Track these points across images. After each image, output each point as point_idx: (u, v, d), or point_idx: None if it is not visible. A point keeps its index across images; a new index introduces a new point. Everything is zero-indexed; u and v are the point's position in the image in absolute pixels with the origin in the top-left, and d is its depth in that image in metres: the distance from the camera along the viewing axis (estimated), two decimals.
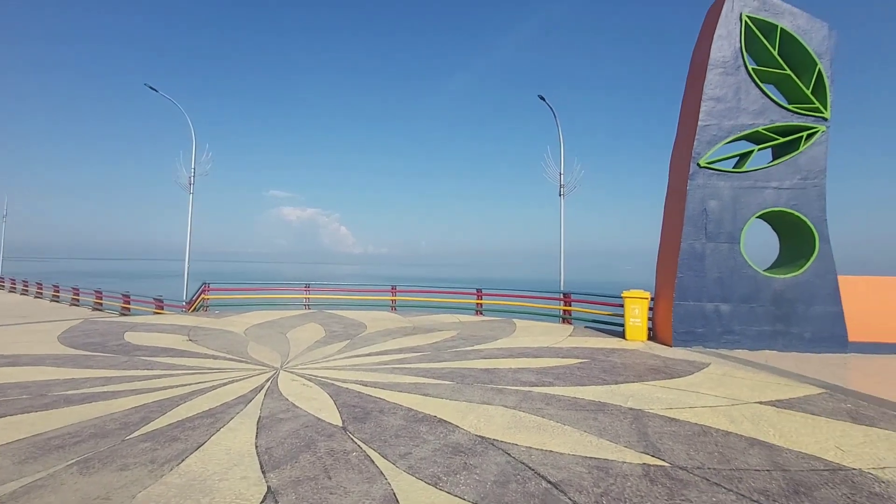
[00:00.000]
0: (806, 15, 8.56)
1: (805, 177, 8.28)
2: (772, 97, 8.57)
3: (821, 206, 8.17)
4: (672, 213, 9.25)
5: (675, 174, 9.39)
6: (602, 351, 7.98)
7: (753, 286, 8.24)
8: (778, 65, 8.58)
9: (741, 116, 8.58)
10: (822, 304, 7.99)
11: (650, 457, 3.60)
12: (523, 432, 4.10)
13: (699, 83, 8.81)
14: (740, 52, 8.62)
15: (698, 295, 8.36)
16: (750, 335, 8.14)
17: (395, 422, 4.34)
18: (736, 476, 3.29)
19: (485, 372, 6.39)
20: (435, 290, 16.04)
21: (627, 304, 9.23)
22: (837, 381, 5.93)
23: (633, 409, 4.76)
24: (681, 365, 6.88)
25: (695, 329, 8.33)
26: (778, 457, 3.62)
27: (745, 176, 8.53)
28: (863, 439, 3.97)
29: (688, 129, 9.01)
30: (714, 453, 3.68)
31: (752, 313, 8.19)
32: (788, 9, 8.56)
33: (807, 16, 8.56)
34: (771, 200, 8.36)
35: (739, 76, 8.63)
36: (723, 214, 8.46)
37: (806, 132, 8.40)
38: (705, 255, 8.41)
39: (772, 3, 8.54)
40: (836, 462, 3.52)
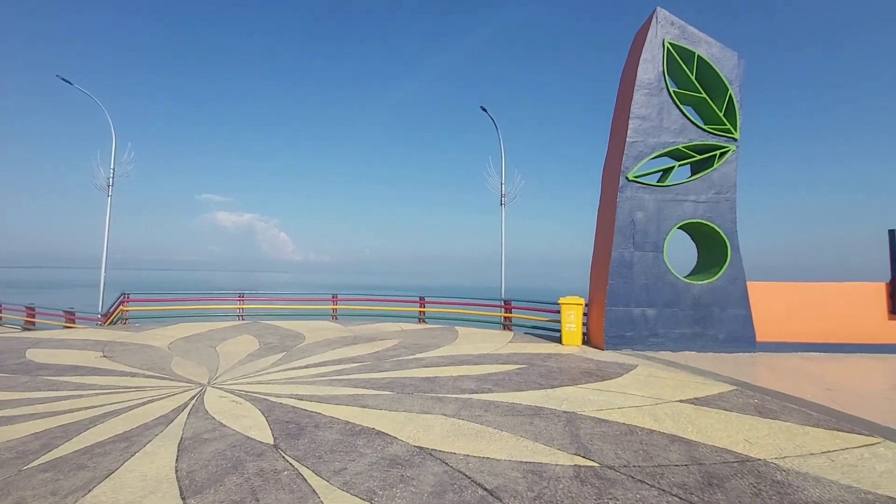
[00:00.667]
0: (719, 44, 9.41)
1: (718, 191, 9.07)
2: (690, 118, 9.32)
3: (732, 218, 8.98)
4: (604, 223, 9.77)
5: (607, 186, 9.95)
6: (540, 356, 8.23)
7: (675, 292, 8.88)
8: (695, 88, 9.36)
9: (664, 134, 9.25)
10: (733, 308, 8.76)
11: (581, 458, 3.74)
12: (462, 440, 4.11)
13: (627, 102, 9.41)
14: (663, 76, 9.31)
15: (627, 300, 8.87)
16: (672, 337, 8.75)
17: (330, 436, 4.20)
18: (658, 472, 3.49)
19: (425, 381, 6.36)
20: (378, 298, 15.81)
21: (564, 310, 9.60)
22: (746, 379, 6.50)
23: (567, 412, 4.93)
24: (611, 367, 7.24)
25: (624, 333, 8.82)
26: (695, 451, 3.89)
27: (668, 189, 9.19)
28: (767, 432, 4.36)
29: (617, 144, 9.58)
30: (639, 451, 3.89)
31: (674, 317, 8.81)
32: (704, 38, 9.37)
33: (720, 45, 9.41)
34: (690, 212, 9.07)
35: (662, 97, 9.31)
36: (648, 225, 9.05)
37: (719, 151, 9.20)
38: (633, 263, 8.95)
39: (690, 31, 9.32)
40: (744, 454, 3.84)
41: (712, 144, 9.21)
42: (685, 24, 9.30)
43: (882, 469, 3.56)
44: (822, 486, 3.26)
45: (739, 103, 9.25)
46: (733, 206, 9.02)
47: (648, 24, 9.30)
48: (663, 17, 9.23)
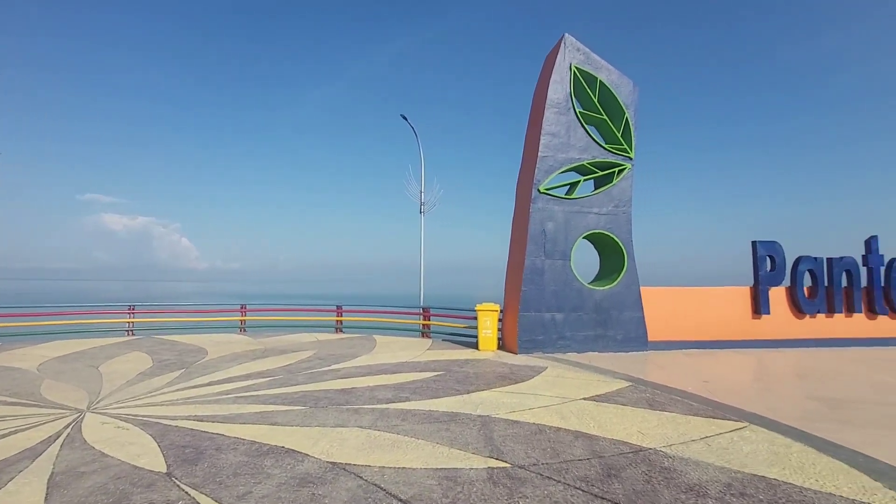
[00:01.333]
0: (618, 72, 10.37)
1: (617, 205, 9.96)
2: (593, 137, 10.14)
3: (628, 229, 9.90)
4: (518, 233, 10.25)
5: (521, 198, 10.47)
6: (457, 362, 8.37)
7: (581, 297, 9.56)
8: (597, 110, 10.22)
9: (571, 151, 9.96)
10: (629, 311, 9.64)
11: (494, 460, 3.86)
12: (377, 452, 4.04)
13: (539, 119, 10.01)
14: (570, 97, 10.04)
15: (538, 306, 9.37)
16: (578, 339, 9.40)
17: (234, 459, 3.89)
18: (564, 468, 3.71)
19: (341, 392, 6.17)
20: (292, 307, 15.06)
21: (480, 316, 9.88)
22: (640, 375, 7.17)
23: (482, 416, 5.06)
24: (524, 370, 7.58)
25: (536, 337, 9.29)
26: (596, 445, 4.19)
27: (574, 202, 9.90)
28: (657, 422, 4.84)
29: (530, 158, 10.13)
30: (547, 449, 4.10)
31: (579, 320, 9.47)
32: (605, 65, 10.27)
33: (618, 73, 10.37)
34: (593, 224, 9.84)
35: (570, 116, 10.03)
36: (557, 235, 9.66)
37: (618, 168, 10.12)
38: (544, 271, 9.49)
39: (594, 58, 10.17)
40: (638, 444, 4.22)
41: (612, 162, 10.09)
42: (589, 51, 10.14)
43: (748, 450, 4.10)
44: (701, 469, 3.68)
45: (634, 126, 10.24)
46: (629, 218, 9.95)
47: (558, 48, 10.00)
48: (571, 42, 9.98)
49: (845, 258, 10.63)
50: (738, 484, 3.41)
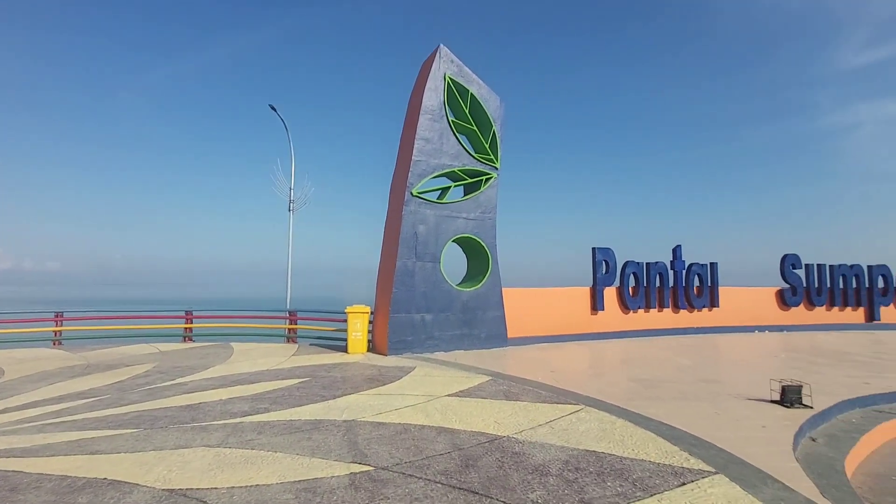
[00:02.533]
0: (487, 87, 11.08)
1: (484, 211, 10.64)
2: (464, 146, 10.69)
3: (493, 234, 10.65)
4: (390, 235, 10.30)
5: (394, 200, 10.54)
6: (324, 367, 8.07)
7: (449, 298, 9.98)
8: (468, 121, 10.80)
9: (443, 157, 10.35)
10: (492, 310, 10.37)
11: (357, 464, 3.79)
12: (227, 471, 3.67)
13: (414, 123, 10.20)
14: (444, 105, 10.43)
15: (409, 307, 9.53)
16: (446, 339, 9.80)
17: (35, 500, 3.18)
18: (426, 464, 3.81)
19: (186, 409, 5.48)
20: (127, 315, 12.92)
21: (350, 318, 9.68)
22: (499, 370, 7.75)
23: (348, 421, 4.95)
24: (393, 371, 7.63)
25: (406, 338, 9.43)
26: (457, 439, 4.40)
27: (445, 206, 10.30)
28: (511, 412, 5.27)
29: (404, 161, 10.27)
30: (411, 447, 4.18)
31: (447, 320, 9.89)
32: (476, 79, 10.90)
33: (488, 88, 11.09)
34: (462, 228, 10.36)
35: (443, 124, 10.42)
36: (428, 237, 9.95)
37: (485, 177, 10.82)
38: (415, 273, 9.69)
39: (466, 71, 10.72)
40: (494, 433, 4.54)
41: (480, 171, 10.75)
42: (462, 64, 10.67)
43: (583, 429, 4.70)
44: (545, 450, 4.11)
45: (500, 139, 11.07)
46: (494, 224, 10.71)
47: (433, 57, 10.31)
48: (445, 53, 10.38)
49: (658, 263, 12.92)
50: (574, 460, 3.88)
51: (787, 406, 5.51)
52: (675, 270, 13.09)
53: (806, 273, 14.28)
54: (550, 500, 3.18)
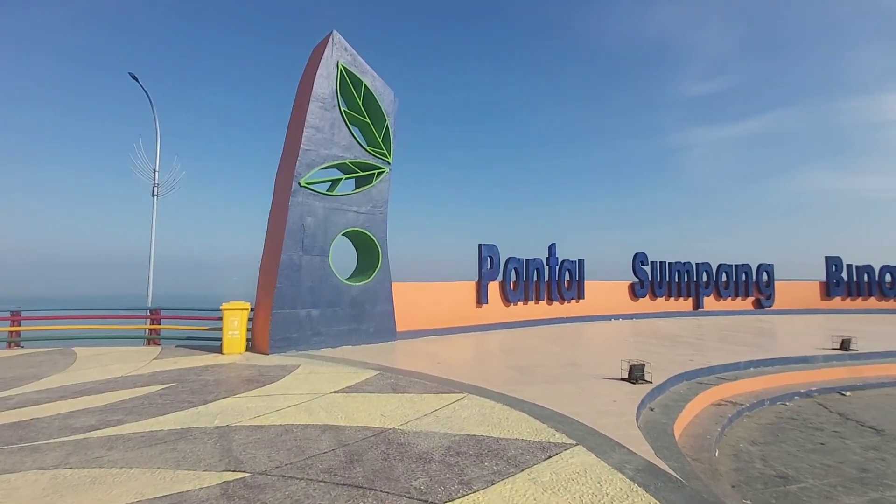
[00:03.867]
0: (381, 80, 10.96)
1: (375, 205, 10.55)
2: (356, 138, 10.46)
3: (384, 229, 10.62)
4: (275, 227, 9.69)
5: (280, 190, 9.93)
6: (193, 370, 7.33)
7: (337, 292, 9.74)
8: (361, 112, 10.59)
9: (334, 148, 10.02)
10: (382, 305, 10.36)
11: (231, 472, 3.54)
12: (68, 495, 3.16)
13: (303, 111, 9.70)
14: (336, 94, 10.08)
15: (294, 303, 9.09)
16: (333, 334, 9.55)
17: None
18: (308, 464, 3.70)
19: (11, 428, 4.57)
20: None
21: (227, 316, 8.91)
22: (388, 364, 7.80)
23: (221, 427, 4.58)
24: (274, 371, 7.22)
25: (290, 335, 8.98)
26: (342, 435, 4.34)
27: (335, 199, 10.00)
28: (398, 404, 5.35)
29: (292, 150, 9.72)
30: (293, 449, 4.02)
31: (335, 315, 9.64)
32: (370, 71, 10.72)
33: (382, 81, 10.97)
34: (352, 221, 10.16)
35: (335, 113, 10.07)
36: (317, 230, 9.58)
37: (377, 171, 10.73)
38: (301, 266, 9.26)
39: (360, 62, 10.48)
40: (380, 427, 4.57)
41: (372, 164, 10.63)
42: (357, 54, 10.41)
43: (465, 416, 4.96)
44: (429, 438, 4.26)
45: (393, 133, 11.06)
46: (385, 218, 10.69)
47: (326, 43, 9.90)
48: (339, 41, 10.02)
49: (536, 259, 14.11)
50: (455, 445, 4.09)
51: (633, 382, 6.44)
52: (550, 266, 14.41)
53: (651, 269, 16.77)
54: (433, 485, 3.32)
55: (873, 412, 6.62)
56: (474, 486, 3.31)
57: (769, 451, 5.22)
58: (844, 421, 6.24)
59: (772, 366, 8.29)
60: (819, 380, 7.97)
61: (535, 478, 3.46)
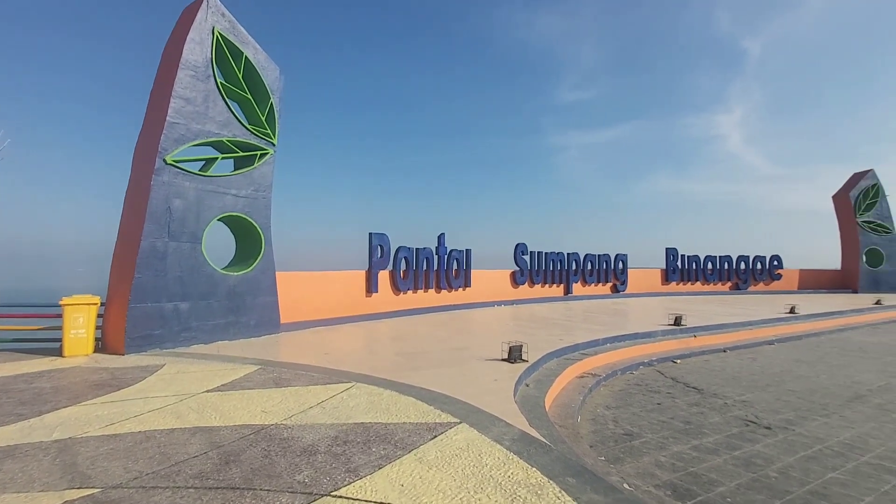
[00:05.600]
0: (265, 54, 10.13)
1: (257, 189, 9.80)
2: (235, 114, 9.56)
3: (267, 214, 9.92)
4: (134, 209, 8.48)
5: (139, 167, 8.69)
6: (23, 377, 6.13)
7: (212, 283, 8.88)
8: (242, 87, 9.69)
9: (209, 124, 9.04)
10: (264, 296, 9.71)
11: (75, 490, 3.07)
12: None
13: (170, 78, 8.57)
14: (211, 63, 9.07)
15: (158, 296, 8.07)
16: (206, 329, 8.70)
17: None
18: (175, 471, 3.37)
19: None
20: None
21: (68, 313, 7.57)
22: (270, 357, 7.37)
23: (62, 440, 3.92)
24: (132, 373, 6.37)
25: (152, 331, 7.97)
26: (216, 437, 4.02)
27: (210, 180, 9.06)
28: (280, 399, 5.10)
29: (156, 122, 8.55)
30: (156, 456, 3.62)
31: (209, 308, 8.79)
32: (252, 42, 9.84)
33: (266, 55, 10.14)
34: (230, 205, 9.31)
35: (209, 85, 9.06)
36: (187, 214, 8.59)
37: (260, 152, 9.95)
38: (167, 254, 8.25)
39: (240, 31, 9.54)
40: (260, 424, 4.32)
41: (254, 144, 9.83)
42: (236, 21, 9.46)
43: (353, 404, 4.93)
44: (315, 431, 4.15)
45: (279, 113, 10.34)
46: (269, 203, 9.99)
47: (199, 5, 8.82)
48: (214, 4, 9.00)
49: (426, 248, 14.42)
50: (343, 435, 4.05)
51: (512, 362, 6.99)
52: (439, 255, 14.83)
53: (530, 258, 18.22)
54: (318, 477, 3.26)
55: (696, 375, 8.07)
56: (361, 472, 3.33)
57: (619, 413, 6.07)
58: (675, 384, 7.51)
59: (623, 341, 9.62)
60: (658, 351, 9.46)
61: (421, 457, 3.59)
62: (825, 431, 5.40)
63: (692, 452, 4.80)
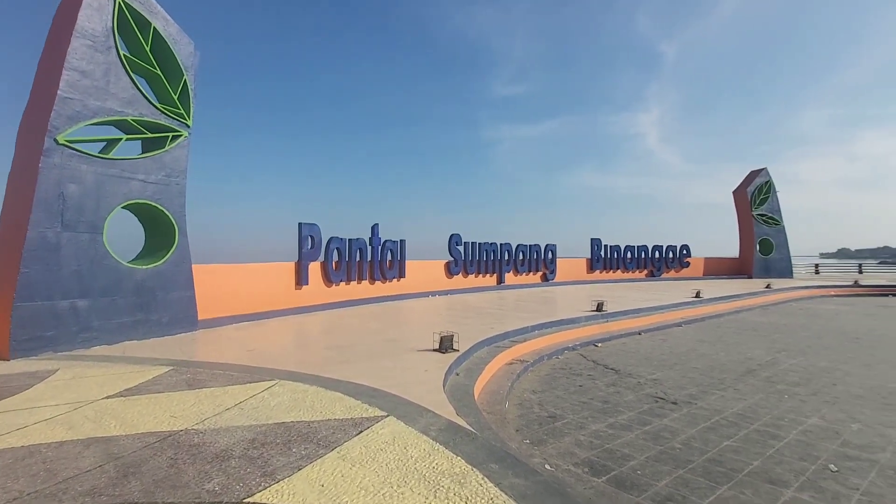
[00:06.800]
0: (177, 26, 9.24)
1: (169, 174, 8.99)
2: (143, 91, 8.67)
3: (181, 202, 9.15)
4: (18, 195, 7.46)
5: (25, 147, 7.66)
6: None
7: (116, 278, 8.05)
8: (150, 62, 8.80)
9: (110, 100, 8.13)
10: (179, 290, 8.98)
11: None
12: None
13: (63, 49, 7.58)
14: (112, 33, 8.14)
15: (50, 292, 7.18)
16: (110, 329, 7.90)
17: None
18: (63, 489, 3.01)
19: None
20: None
21: None
22: (184, 357, 6.85)
23: None
24: (17, 380, 5.62)
25: (44, 333, 7.09)
26: (114, 447, 3.65)
27: (112, 163, 8.17)
28: (193, 401, 4.74)
29: (46, 96, 7.54)
30: (40, 473, 3.21)
31: (113, 306, 7.97)
32: (162, 13, 8.93)
33: (178, 27, 9.26)
34: (137, 192, 8.47)
35: (110, 57, 8.14)
36: (85, 201, 7.70)
37: (172, 134, 9.12)
38: (61, 246, 7.35)
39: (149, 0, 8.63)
40: (167, 430, 3.99)
41: (165, 125, 9.00)
42: None
43: (275, 403, 4.69)
44: (230, 434, 3.90)
45: (194, 92, 9.53)
46: (183, 190, 9.21)
47: None
48: None
49: (359, 239, 14.11)
50: (261, 437, 3.84)
51: (443, 352, 7.04)
52: (372, 246, 14.58)
53: (464, 249, 18.47)
54: (230, 484, 3.06)
55: (614, 357, 8.63)
56: (279, 475, 3.18)
57: (545, 397, 6.34)
58: (596, 366, 7.98)
59: (551, 327, 10.06)
60: (582, 336, 10.00)
61: (344, 455, 3.49)
62: (722, 404, 5.99)
63: (608, 430, 5.12)
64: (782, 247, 27.95)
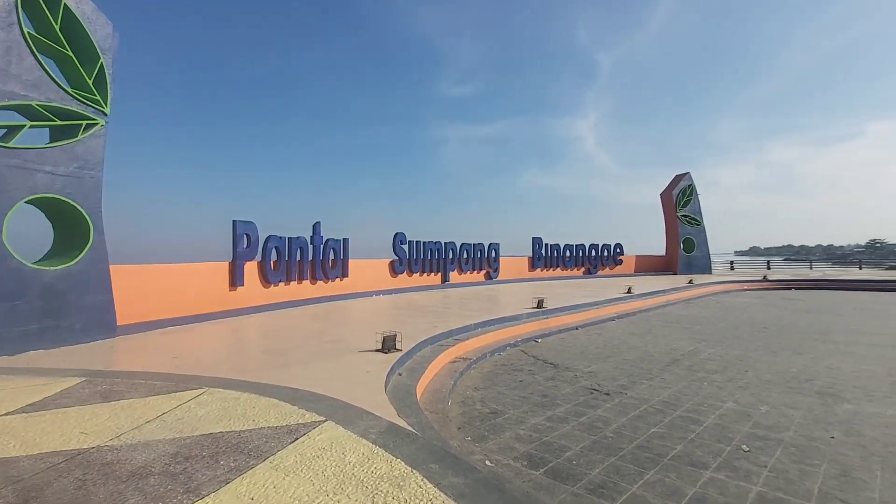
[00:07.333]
0: (93, 5, 8.42)
1: (83, 166, 8.18)
2: (51, 74, 7.82)
3: (97, 197, 8.36)
4: None
5: None
6: None
7: (18, 280, 7.20)
8: (60, 41, 7.96)
9: (12, 83, 7.27)
10: (94, 294, 8.19)
11: None
12: None
13: None
14: (15, 7, 7.29)
15: None
16: (12, 338, 7.05)
17: None
18: None
19: None
20: None
21: None
22: (100, 366, 6.26)
23: None
24: None
25: None
26: (13, 470, 3.26)
27: (14, 153, 7.31)
28: (108, 415, 4.34)
29: None
30: None
31: (15, 312, 7.12)
32: None
33: (94, 6, 8.44)
34: (44, 185, 7.63)
35: (13, 35, 7.28)
36: None
37: (86, 122, 8.31)
38: None
39: None
40: (76, 448, 3.62)
41: (78, 112, 8.18)
42: None
43: (202, 413, 4.40)
44: (150, 449, 3.61)
45: (112, 77, 8.74)
46: (99, 184, 8.42)
47: None
48: None
49: (300, 238, 13.61)
50: (185, 450, 3.59)
51: (386, 352, 6.96)
52: (314, 245, 14.12)
53: (409, 248, 18.38)
54: None
55: (553, 352, 8.95)
56: (204, 490, 2.98)
57: (486, 393, 6.45)
58: (536, 361, 8.23)
59: (493, 325, 10.25)
60: (523, 332, 10.28)
61: (277, 464, 3.34)
62: (649, 393, 6.39)
63: (546, 423, 5.29)
64: (703, 245, 30.32)
